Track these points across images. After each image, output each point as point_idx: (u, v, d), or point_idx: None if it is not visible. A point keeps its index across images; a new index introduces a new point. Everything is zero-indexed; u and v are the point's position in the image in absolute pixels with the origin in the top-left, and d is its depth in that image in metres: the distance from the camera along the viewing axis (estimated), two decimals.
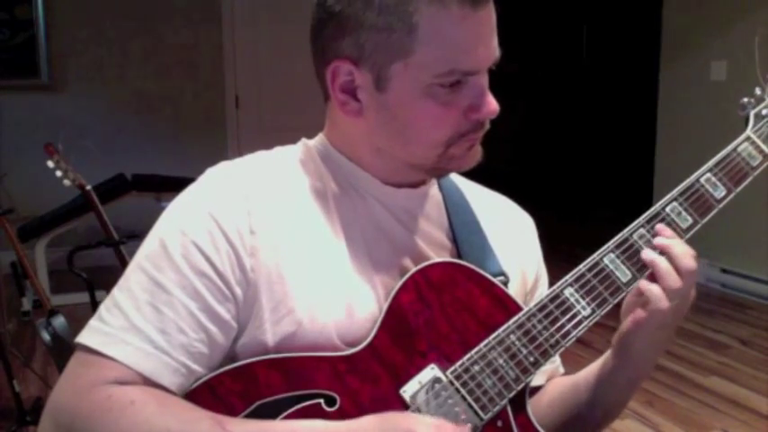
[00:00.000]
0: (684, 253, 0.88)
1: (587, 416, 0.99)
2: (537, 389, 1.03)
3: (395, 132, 0.88)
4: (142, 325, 0.81)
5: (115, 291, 0.85)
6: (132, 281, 0.84)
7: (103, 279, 2.58)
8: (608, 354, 0.97)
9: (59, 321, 2.48)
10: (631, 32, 6.62)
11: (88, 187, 3.04)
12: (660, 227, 0.91)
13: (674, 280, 0.87)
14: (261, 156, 0.95)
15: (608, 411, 0.99)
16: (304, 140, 0.98)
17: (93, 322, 0.84)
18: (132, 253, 0.89)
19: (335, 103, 0.89)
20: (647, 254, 0.89)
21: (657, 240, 0.90)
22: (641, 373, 0.96)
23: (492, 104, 0.86)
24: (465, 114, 0.86)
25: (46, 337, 2.46)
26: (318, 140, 0.96)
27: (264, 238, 0.86)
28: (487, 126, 0.89)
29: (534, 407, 0.98)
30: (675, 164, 4.54)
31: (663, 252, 0.89)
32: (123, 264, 2.81)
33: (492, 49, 0.86)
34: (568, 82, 7.44)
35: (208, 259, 0.83)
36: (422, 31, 0.82)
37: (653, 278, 0.89)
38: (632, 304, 0.92)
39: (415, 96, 0.84)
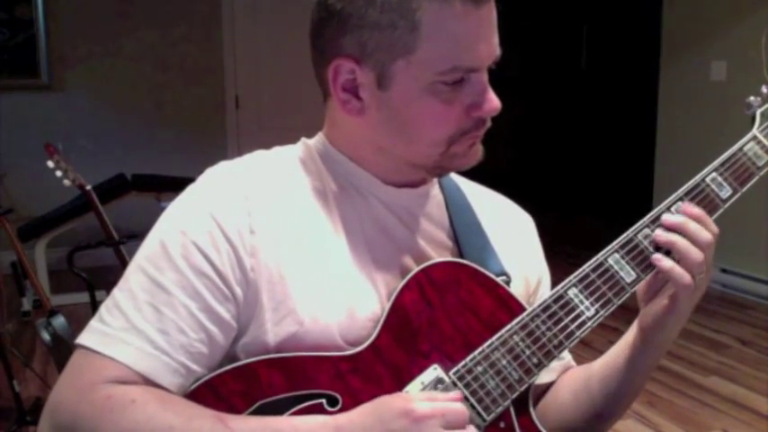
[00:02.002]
0: (699, 228, 0.88)
1: (602, 409, 0.98)
2: (549, 386, 1.03)
3: (397, 131, 0.87)
4: (142, 325, 0.81)
5: (115, 291, 0.85)
6: (132, 281, 0.84)
7: (103, 279, 2.58)
8: (630, 342, 0.96)
9: (59, 321, 2.48)
10: (631, 32, 6.62)
11: (88, 187, 3.04)
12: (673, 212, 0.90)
13: (696, 254, 0.87)
14: (260, 155, 0.95)
15: (626, 400, 0.99)
16: (304, 140, 0.97)
17: (93, 323, 0.83)
18: (132, 253, 0.89)
19: (337, 102, 0.89)
20: (663, 236, 0.88)
21: (669, 219, 0.89)
22: (662, 354, 0.96)
23: (494, 101, 0.86)
24: (467, 112, 0.86)
25: (46, 337, 2.46)
26: (318, 140, 0.96)
27: (265, 238, 0.85)
28: (489, 124, 0.89)
29: (547, 404, 0.98)
30: (675, 163, 4.55)
31: (678, 230, 0.88)
32: (123, 264, 2.81)
33: (493, 46, 0.86)
34: (569, 82, 7.43)
35: (208, 259, 0.83)
36: (425, 29, 0.81)
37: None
38: (648, 293, 0.92)
39: (417, 94, 0.84)
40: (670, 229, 0.89)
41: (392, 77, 0.84)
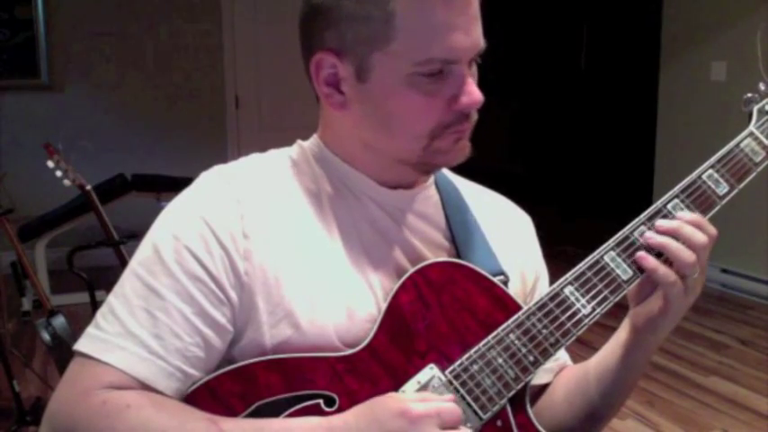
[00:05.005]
0: (693, 231, 0.87)
1: (596, 408, 0.98)
2: (546, 387, 1.02)
3: (378, 124, 0.87)
4: (137, 330, 0.81)
5: (111, 297, 0.85)
6: (127, 287, 0.84)
7: (103, 279, 2.58)
8: (622, 341, 0.95)
9: (59, 321, 2.48)
10: (631, 32, 6.62)
11: (88, 187, 3.04)
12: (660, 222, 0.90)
13: (687, 255, 0.86)
14: (254, 158, 0.95)
15: (620, 398, 0.98)
16: (299, 142, 0.97)
17: (89, 329, 0.84)
18: (132, 253, 0.89)
19: (320, 96, 0.89)
20: (655, 238, 0.88)
21: (663, 225, 0.88)
22: (654, 351, 0.96)
23: (474, 94, 0.85)
24: (448, 105, 0.85)
25: (46, 337, 2.46)
26: (312, 142, 0.96)
27: (258, 241, 0.85)
28: (475, 118, 0.88)
29: (542, 405, 0.97)
30: (675, 163, 4.55)
31: (672, 235, 0.88)
32: (123, 264, 2.81)
33: (473, 38, 0.84)
34: (569, 81, 7.43)
35: (201, 264, 0.83)
36: (399, 19, 0.81)
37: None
38: (639, 294, 0.91)
39: (396, 86, 0.84)
40: (665, 234, 0.88)
41: (371, 70, 0.84)
